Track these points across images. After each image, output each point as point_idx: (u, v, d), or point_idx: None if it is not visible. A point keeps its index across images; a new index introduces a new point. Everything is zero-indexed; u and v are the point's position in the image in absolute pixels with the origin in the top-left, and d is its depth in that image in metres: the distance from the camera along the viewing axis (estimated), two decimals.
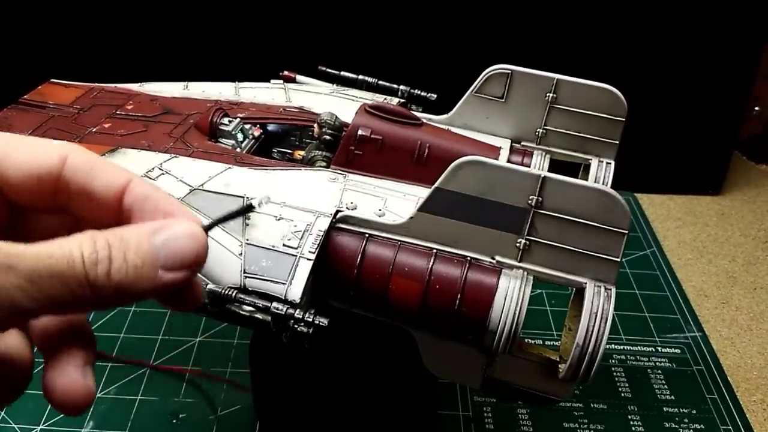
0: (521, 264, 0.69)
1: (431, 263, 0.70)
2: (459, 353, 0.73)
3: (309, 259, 0.69)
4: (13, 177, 0.43)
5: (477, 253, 0.70)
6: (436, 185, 0.68)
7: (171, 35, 1.52)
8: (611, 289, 0.68)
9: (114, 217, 0.45)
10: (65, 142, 0.46)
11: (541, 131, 0.90)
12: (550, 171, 0.73)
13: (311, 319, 0.66)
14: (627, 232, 0.66)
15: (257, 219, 0.73)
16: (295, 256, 0.69)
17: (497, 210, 0.68)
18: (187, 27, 1.52)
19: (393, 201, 0.79)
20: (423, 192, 0.73)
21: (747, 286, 1.46)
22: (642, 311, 1.35)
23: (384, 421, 0.97)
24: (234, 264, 0.69)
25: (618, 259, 0.67)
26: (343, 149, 0.84)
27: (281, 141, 0.96)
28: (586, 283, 0.68)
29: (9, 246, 0.36)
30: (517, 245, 0.69)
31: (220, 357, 1.17)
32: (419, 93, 1.00)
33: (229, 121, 0.91)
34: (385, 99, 0.99)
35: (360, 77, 1.03)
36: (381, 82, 1.02)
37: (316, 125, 0.89)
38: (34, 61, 1.56)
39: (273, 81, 1.05)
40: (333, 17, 1.51)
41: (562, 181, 0.65)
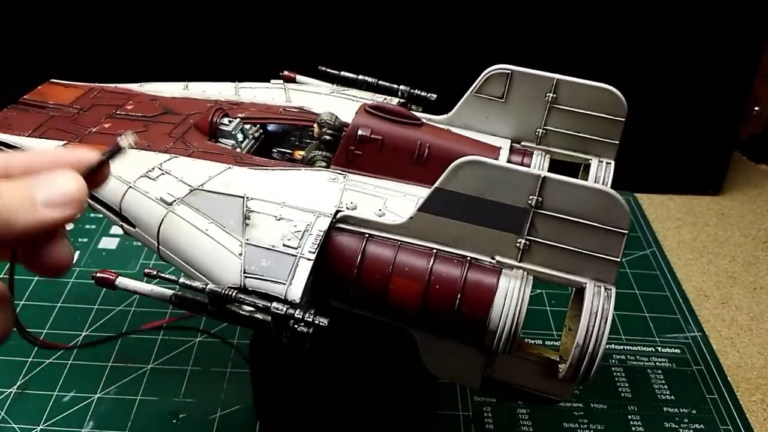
0: (521, 264, 0.69)
1: (431, 263, 0.70)
2: (459, 353, 0.73)
3: (309, 259, 0.69)
4: None
5: (477, 253, 0.70)
6: (436, 185, 0.69)
7: (171, 35, 1.52)
8: (611, 289, 0.68)
9: None
10: None
11: (541, 131, 0.90)
12: (550, 171, 0.73)
13: (311, 319, 0.66)
14: (627, 232, 0.66)
15: (257, 219, 0.73)
16: (295, 256, 0.70)
17: (497, 210, 0.68)
18: (188, 27, 1.52)
19: (393, 201, 0.79)
20: (423, 192, 0.73)
21: (747, 286, 1.46)
22: (642, 311, 1.35)
23: (384, 421, 0.97)
24: (234, 264, 0.70)
25: (618, 259, 0.67)
26: (343, 149, 0.84)
27: (281, 141, 0.97)
28: (586, 283, 0.68)
29: None
30: (517, 245, 0.69)
31: (220, 357, 1.17)
32: (419, 93, 1.00)
33: (229, 121, 0.91)
34: (385, 99, 0.99)
35: (360, 77, 1.03)
36: (381, 82, 1.02)
37: (316, 125, 0.89)
38: (34, 61, 1.56)
39: (273, 81, 1.05)
40: (333, 17, 1.51)
41: (562, 181, 0.65)
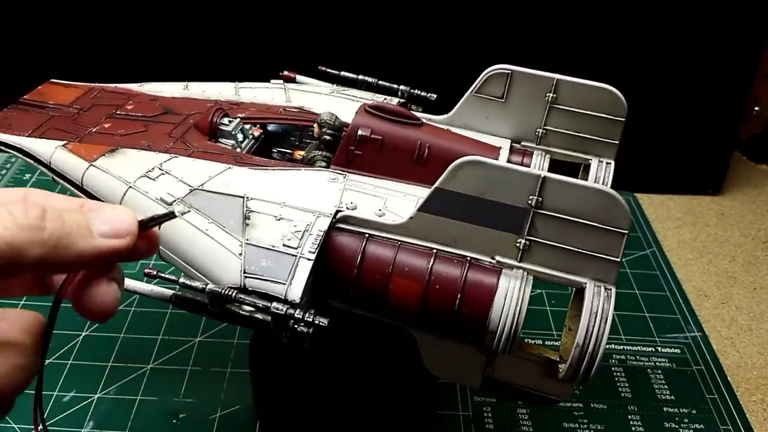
0: (521, 264, 0.69)
1: (431, 263, 0.70)
2: (459, 353, 0.73)
3: (309, 259, 0.69)
4: None
5: (477, 253, 0.70)
6: (436, 185, 0.68)
7: (171, 35, 1.53)
8: (611, 289, 0.68)
9: None
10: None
11: (541, 131, 0.90)
12: (550, 171, 0.73)
13: (311, 319, 0.66)
14: (627, 232, 0.66)
15: (257, 219, 0.73)
16: (295, 256, 0.70)
17: (497, 210, 0.68)
18: (187, 27, 1.52)
19: (393, 201, 0.79)
20: (423, 192, 0.73)
21: (747, 286, 1.46)
22: (642, 311, 1.35)
23: (384, 422, 0.97)
24: (234, 264, 0.70)
25: (618, 259, 0.67)
26: (343, 149, 0.84)
27: (281, 141, 0.96)
28: (586, 283, 0.68)
29: None
30: (517, 245, 0.69)
31: (220, 357, 1.17)
32: (419, 93, 1.00)
33: (229, 121, 0.91)
34: (385, 99, 0.99)
35: (360, 77, 1.03)
36: (381, 82, 1.02)
37: (316, 125, 0.89)
38: (34, 61, 1.56)
39: (273, 81, 1.05)
40: (333, 17, 1.51)
41: (562, 181, 0.65)
